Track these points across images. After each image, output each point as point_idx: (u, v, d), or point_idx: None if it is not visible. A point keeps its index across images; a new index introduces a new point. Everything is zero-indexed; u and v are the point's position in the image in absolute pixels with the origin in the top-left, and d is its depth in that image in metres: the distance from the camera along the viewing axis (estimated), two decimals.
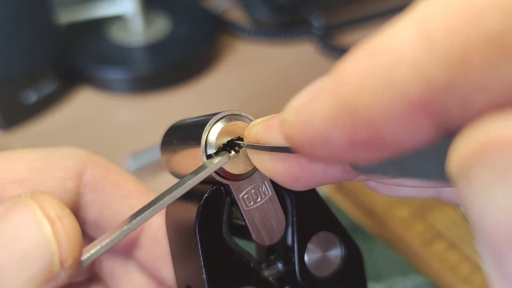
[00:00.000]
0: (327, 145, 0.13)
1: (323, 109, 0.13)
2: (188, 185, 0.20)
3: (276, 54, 0.68)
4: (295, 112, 0.14)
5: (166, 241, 0.25)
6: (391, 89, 0.11)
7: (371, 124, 0.12)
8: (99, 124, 0.58)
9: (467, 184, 0.10)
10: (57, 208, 0.18)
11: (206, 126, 0.20)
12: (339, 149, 0.13)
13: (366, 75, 0.12)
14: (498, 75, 0.10)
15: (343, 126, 0.12)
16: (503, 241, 0.10)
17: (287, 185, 0.18)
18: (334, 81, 0.13)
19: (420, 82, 0.11)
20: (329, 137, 0.13)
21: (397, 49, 0.11)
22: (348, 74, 0.12)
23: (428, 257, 0.42)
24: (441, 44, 0.10)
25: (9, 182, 0.22)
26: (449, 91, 0.11)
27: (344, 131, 0.12)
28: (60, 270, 0.18)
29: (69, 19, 0.66)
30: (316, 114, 0.13)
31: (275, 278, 0.23)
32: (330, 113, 0.13)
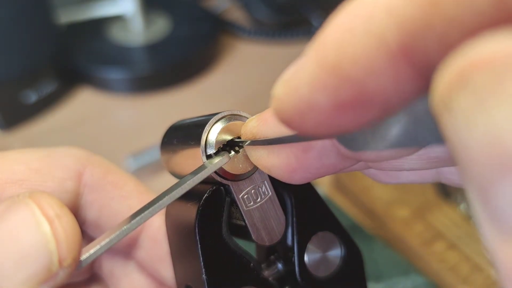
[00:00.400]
0: (314, 111, 0.13)
1: (307, 74, 0.13)
2: (188, 185, 0.20)
3: (276, 54, 0.68)
4: (283, 84, 0.14)
5: (166, 241, 0.25)
6: (370, 39, 0.11)
7: (355, 80, 0.12)
8: (99, 124, 0.58)
9: (448, 116, 0.10)
10: (56, 207, 0.18)
11: (206, 126, 0.20)
12: (325, 115, 0.13)
13: (345, 30, 0.12)
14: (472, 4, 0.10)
15: (327, 87, 0.12)
16: (488, 169, 0.09)
17: (285, 179, 0.18)
18: (316, 46, 0.13)
19: (397, 26, 0.11)
20: (315, 101, 0.13)
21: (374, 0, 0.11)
22: (327, 34, 0.12)
23: (428, 257, 0.42)
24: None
25: (9, 182, 0.22)
26: (426, 31, 0.10)
27: (329, 93, 0.12)
28: (59, 270, 0.18)
29: (69, 19, 0.66)
30: (302, 81, 0.13)
31: (275, 278, 0.23)
32: (314, 76, 0.12)
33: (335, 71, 0.12)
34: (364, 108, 0.12)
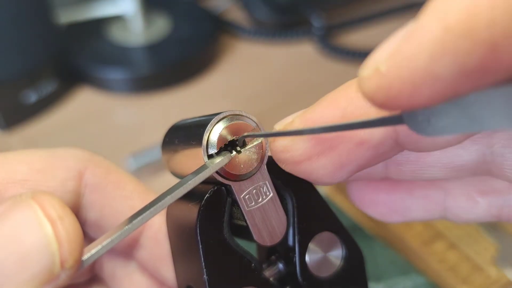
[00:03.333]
0: (434, 81, 0.12)
1: (430, 41, 0.12)
2: (189, 185, 0.20)
3: (276, 54, 0.68)
4: (388, 58, 0.13)
5: (167, 241, 0.25)
6: (509, 4, 0.11)
7: (490, 43, 0.11)
8: (99, 124, 0.58)
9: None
10: (58, 208, 0.18)
11: (207, 126, 0.20)
12: (447, 83, 0.12)
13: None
14: None
15: (457, 52, 0.12)
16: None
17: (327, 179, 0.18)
18: (437, 11, 0.12)
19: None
20: (439, 70, 0.12)
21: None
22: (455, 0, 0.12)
23: (428, 257, 0.42)
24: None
25: (11, 182, 0.22)
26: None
27: (458, 58, 0.12)
28: (61, 271, 0.18)
29: (69, 19, 0.66)
30: (421, 49, 0.12)
31: (276, 278, 0.23)
32: (440, 42, 0.12)
33: (470, 34, 0.11)
34: (489, 73, 0.12)
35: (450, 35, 0.12)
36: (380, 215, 0.21)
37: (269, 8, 0.69)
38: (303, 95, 0.59)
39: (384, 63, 0.13)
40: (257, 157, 0.21)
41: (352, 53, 0.65)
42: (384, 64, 0.13)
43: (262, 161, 0.21)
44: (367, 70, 0.13)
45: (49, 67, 0.57)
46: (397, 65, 0.13)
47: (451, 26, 0.12)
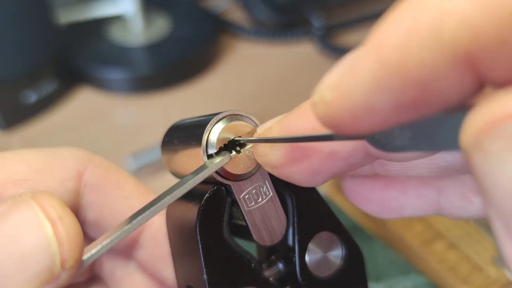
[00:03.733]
0: (371, 113, 0.13)
1: (366, 76, 0.13)
2: (188, 185, 0.20)
3: (276, 54, 0.68)
4: (332, 88, 0.14)
5: (166, 241, 0.25)
6: (438, 44, 0.11)
7: (420, 82, 0.12)
8: (99, 124, 0.58)
9: (480, 154, 0.11)
10: (58, 208, 0.18)
11: (207, 126, 0.20)
12: (384, 115, 0.13)
13: (409, 32, 0.12)
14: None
15: (390, 89, 0.12)
16: None
17: (305, 183, 0.19)
18: (374, 46, 0.12)
19: (470, 36, 0.11)
20: (374, 103, 0.13)
21: (444, 5, 0.11)
22: (390, 35, 0.12)
23: (428, 257, 0.42)
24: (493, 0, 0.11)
25: (10, 182, 0.22)
26: (498, 48, 0.11)
27: (391, 94, 0.12)
28: (61, 271, 0.18)
29: (69, 19, 0.66)
30: (358, 82, 0.13)
31: (275, 278, 0.23)
32: (374, 78, 0.12)
33: (400, 72, 0.12)
34: (422, 108, 0.12)
35: (383, 72, 0.12)
36: (374, 212, 0.22)
37: (269, 8, 0.69)
38: (303, 95, 0.59)
39: (328, 92, 0.14)
40: None
41: None
42: (328, 94, 0.14)
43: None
44: (316, 96, 0.14)
45: (49, 67, 0.57)
46: (338, 96, 0.13)
47: (385, 63, 0.12)
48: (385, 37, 0.12)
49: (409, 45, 0.12)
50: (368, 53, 0.13)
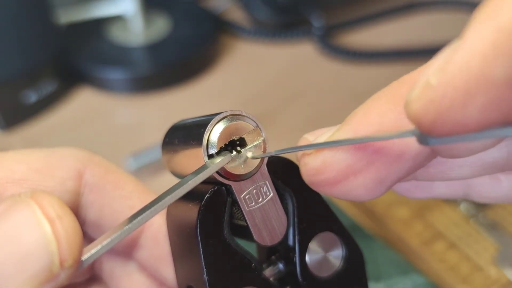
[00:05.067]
0: (488, 86, 0.12)
1: (481, 45, 0.12)
2: (189, 185, 0.20)
3: (276, 54, 0.68)
4: (437, 71, 0.13)
5: (166, 241, 0.25)
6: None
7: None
8: (99, 124, 0.58)
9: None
10: (57, 207, 0.18)
11: (207, 126, 0.20)
12: (501, 89, 0.12)
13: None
14: None
15: (510, 53, 0.11)
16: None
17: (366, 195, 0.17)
18: (489, 14, 0.12)
19: None
20: (492, 74, 0.12)
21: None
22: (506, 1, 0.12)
23: (428, 257, 0.42)
24: None
25: (10, 182, 0.22)
26: None
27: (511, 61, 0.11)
28: (60, 270, 0.18)
29: (69, 19, 0.66)
30: (472, 54, 0.12)
31: (276, 278, 0.23)
32: (492, 44, 0.12)
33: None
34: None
35: (503, 36, 0.11)
36: (404, 190, 0.21)
37: (269, 8, 0.69)
38: (303, 95, 0.59)
39: (435, 76, 0.13)
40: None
41: (352, 53, 0.65)
42: (434, 77, 0.13)
43: (262, 161, 0.21)
44: (415, 90, 0.13)
45: (49, 67, 0.57)
46: (449, 74, 0.12)
47: (504, 26, 0.11)
48: (501, 2, 0.12)
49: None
50: (482, 22, 0.12)
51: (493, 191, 0.20)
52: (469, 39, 0.12)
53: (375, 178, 0.17)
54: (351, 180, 0.17)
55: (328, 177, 0.17)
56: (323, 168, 0.17)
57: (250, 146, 0.21)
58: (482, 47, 0.12)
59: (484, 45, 0.12)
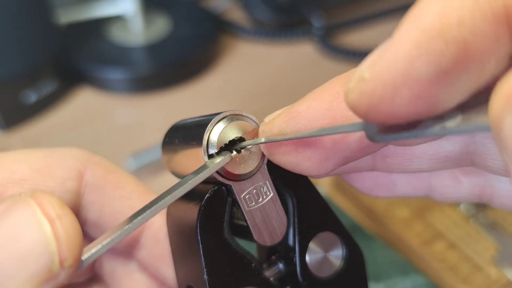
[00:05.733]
0: (412, 83, 0.13)
1: (407, 44, 0.13)
2: (189, 185, 0.20)
3: (276, 54, 0.68)
4: (371, 65, 0.14)
5: (167, 241, 0.25)
6: (479, 3, 0.12)
7: (460, 42, 0.12)
8: (99, 124, 0.58)
9: (502, 130, 0.11)
10: (57, 207, 0.18)
11: (207, 126, 0.20)
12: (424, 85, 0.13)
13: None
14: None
15: (431, 52, 0.12)
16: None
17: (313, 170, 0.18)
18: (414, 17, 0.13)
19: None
20: (416, 71, 0.13)
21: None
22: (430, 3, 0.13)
23: (428, 257, 0.42)
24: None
25: (10, 182, 0.22)
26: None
27: (433, 58, 0.13)
28: (60, 270, 0.18)
29: (69, 19, 0.66)
30: (400, 52, 0.13)
31: (276, 278, 0.23)
32: (416, 44, 0.13)
33: (442, 34, 0.12)
34: (462, 74, 0.13)
35: (424, 37, 0.13)
36: (366, 189, 0.22)
37: (269, 8, 0.69)
38: (303, 95, 0.59)
39: (367, 70, 0.14)
40: (258, 157, 0.21)
41: (352, 53, 0.65)
42: (367, 72, 0.14)
43: (262, 161, 0.21)
44: (352, 81, 0.14)
45: (49, 67, 0.57)
46: (379, 70, 0.13)
47: (425, 28, 0.13)
48: (426, 6, 0.13)
49: (449, 9, 0.12)
50: (408, 24, 0.13)
51: (453, 191, 0.21)
52: (397, 39, 0.13)
53: (321, 154, 0.18)
54: (300, 152, 0.18)
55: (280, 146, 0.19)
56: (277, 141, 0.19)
57: (251, 146, 0.21)
58: (407, 47, 0.13)
59: (408, 45, 0.13)
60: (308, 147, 0.18)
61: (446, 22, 0.12)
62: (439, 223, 0.44)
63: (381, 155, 0.21)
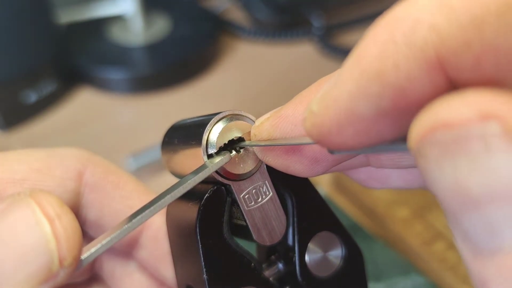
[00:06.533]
0: (354, 121, 0.14)
1: (349, 85, 0.14)
2: (188, 184, 0.20)
3: (276, 54, 0.68)
4: (319, 100, 0.14)
5: (166, 241, 0.25)
6: (412, 50, 0.13)
7: (397, 86, 0.13)
8: (99, 124, 0.58)
9: (422, 160, 0.12)
10: (56, 206, 0.18)
11: (207, 126, 0.20)
12: (366, 123, 0.14)
13: (386, 42, 0.13)
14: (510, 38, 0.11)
15: (370, 95, 0.13)
16: (456, 205, 0.12)
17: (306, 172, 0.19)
18: (355, 59, 0.14)
19: (439, 40, 0.12)
20: (357, 110, 0.13)
21: (417, 16, 0.12)
22: (369, 47, 0.13)
23: (428, 257, 0.42)
24: (458, 8, 0.12)
25: (10, 182, 0.22)
26: (463, 51, 0.12)
27: (372, 100, 0.13)
28: (59, 269, 0.18)
29: (69, 19, 0.66)
30: (342, 92, 0.14)
31: (275, 278, 0.23)
32: (356, 86, 0.13)
33: (379, 78, 0.13)
34: (400, 115, 0.13)
35: (364, 79, 0.13)
36: (360, 180, 0.22)
37: (269, 8, 0.69)
38: None
39: (316, 104, 0.15)
40: (257, 157, 0.21)
41: None
42: (316, 105, 0.15)
43: (261, 160, 0.21)
44: (306, 111, 0.15)
45: (49, 67, 0.57)
46: (324, 106, 0.14)
47: (365, 71, 0.13)
48: (365, 49, 0.13)
49: (386, 53, 0.13)
50: (351, 65, 0.14)
51: None
52: (342, 76, 0.14)
53: (311, 157, 0.19)
54: (289, 155, 0.19)
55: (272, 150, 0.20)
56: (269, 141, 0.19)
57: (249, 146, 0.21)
58: (349, 87, 0.14)
59: (350, 85, 0.14)
60: (298, 151, 0.19)
61: (383, 66, 0.13)
62: (439, 223, 0.44)
63: None
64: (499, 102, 0.11)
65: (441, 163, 0.12)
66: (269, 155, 0.20)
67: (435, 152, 0.12)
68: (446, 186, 0.12)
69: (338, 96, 0.14)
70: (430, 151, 0.12)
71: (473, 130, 0.11)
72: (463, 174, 0.11)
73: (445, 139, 0.11)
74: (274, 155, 0.19)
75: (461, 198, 0.12)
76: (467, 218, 0.12)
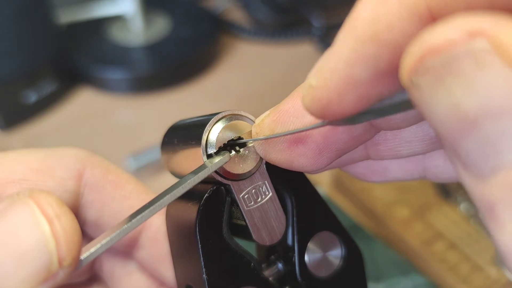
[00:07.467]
0: (354, 87, 0.14)
1: (345, 52, 0.14)
2: (188, 184, 0.20)
3: (276, 54, 0.68)
4: (316, 73, 0.15)
5: (166, 241, 0.25)
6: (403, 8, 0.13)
7: (392, 45, 0.13)
8: (99, 124, 0.58)
9: (416, 91, 0.12)
10: (55, 206, 0.18)
11: (206, 126, 0.20)
12: (365, 87, 0.14)
13: (377, 4, 0.13)
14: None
15: (367, 57, 0.13)
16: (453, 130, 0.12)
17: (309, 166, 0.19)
18: (349, 27, 0.14)
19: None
20: (356, 75, 0.14)
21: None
22: (360, 12, 0.14)
23: (428, 257, 0.42)
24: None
25: (10, 182, 0.22)
26: None
27: (369, 62, 0.13)
28: (59, 269, 0.18)
29: (69, 19, 0.66)
30: (339, 60, 0.14)
31: (275, 278, 0.23)
32: (353, 51, 0.14)
33: (374, 39, 0.13)
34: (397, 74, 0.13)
35: (359, 43, 0.13)
36: (359, 175, 0.22)
37: (269, 8, 0.69)
38: None
39: (314, 78, 0.15)
40: (256, 157, 0.21)
41: None
42: (314, 79, 0.15)
43: (261, 160, 0.21)
44: (304, 88, 0.15)
45: (49, 67, 0.57)
46: (322, 78, 0.14)
47: (359, 35, 0.13)
48: (357, 16, 0.14)
49: (378, 15, 0.13)
50: (344, 33, 0.14)
51: (448, 171, 0.21)
52: (336, 46, 0.14)
53: (314, 149, 0.19)
54: (293, 149, 0.19)
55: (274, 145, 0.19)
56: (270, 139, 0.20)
57: (250, 146, 0.21)
58: (345, 54, 0.14)
59: (346, 52, 0.14)
60: (301, 144, 0.19)
61: (377, 27, 0.13)
62: (439, 223, 0.44)
63: (372, 143, 0.21)
64: (486, 21, 0.11)
65: (435, 90, 0.12)
66: (272, 151, 0.19)
67: (428, 80, 0.12)
68: (443, 113, 0.12)
69: (335, 65, 0.14)
70: (422, 79, 0.12)
71: (461, 49, 0.11)
72: (457, 97, 0.11)
73: (436, 65, 0.11)
74: (277, 151, 0.19)
75: (458, 121, 0.12)
76: (466, 142, 0.12)
